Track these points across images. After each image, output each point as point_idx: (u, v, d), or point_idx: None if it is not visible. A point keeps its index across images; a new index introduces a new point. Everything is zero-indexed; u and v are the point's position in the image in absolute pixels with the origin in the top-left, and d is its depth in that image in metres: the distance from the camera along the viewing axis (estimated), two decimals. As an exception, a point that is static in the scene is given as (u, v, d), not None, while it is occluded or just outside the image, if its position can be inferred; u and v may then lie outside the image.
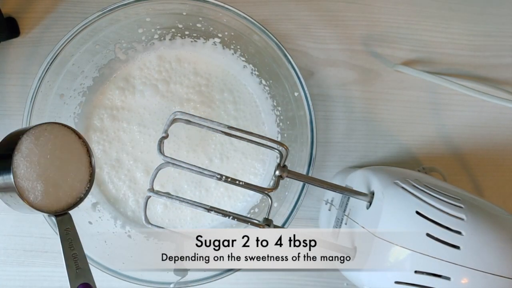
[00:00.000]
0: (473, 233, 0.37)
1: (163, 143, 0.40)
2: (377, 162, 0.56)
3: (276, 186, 0.40)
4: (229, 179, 0.39)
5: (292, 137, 0.51)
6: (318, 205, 0.55)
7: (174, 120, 0.41)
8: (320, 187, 0.43)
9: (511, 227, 0.39)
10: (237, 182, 0.39)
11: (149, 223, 0.40)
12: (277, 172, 0.40)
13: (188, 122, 0.41)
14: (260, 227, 0.40)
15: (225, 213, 0.39)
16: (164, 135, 0.40)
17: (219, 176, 0.39)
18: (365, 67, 0.56)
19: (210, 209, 0.39)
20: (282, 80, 0.49)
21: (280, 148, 0.41)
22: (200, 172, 0.39)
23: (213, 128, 0.41)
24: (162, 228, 0.41)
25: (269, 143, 0.41)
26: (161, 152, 0.39)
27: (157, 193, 0.39)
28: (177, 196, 0.40)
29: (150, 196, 0.40)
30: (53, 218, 0.38)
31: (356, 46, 0.55)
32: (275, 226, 0.40)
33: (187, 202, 0.39)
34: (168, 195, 0.40)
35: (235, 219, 0.39)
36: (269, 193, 0.41)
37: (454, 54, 0.56)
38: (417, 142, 0.56)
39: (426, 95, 0.56)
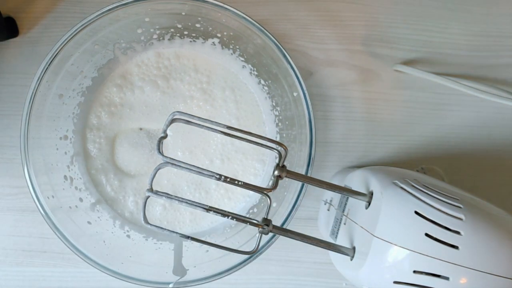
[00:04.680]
0: (472, 233, 0.37)
1: (162, 143, 0.40)
2: (376, 162, 0.56)
3: (275, 186, 0.40)
4: (228, 179, 0.39)
5: (291, 137, 0.51)
6: (317, 205, 0.55)
7: (173, 120, 0.40)
8: (319, 187, 0.43)
9: (510, 227, 0.39)
10: (236, 182, 0.39)
11: (148, 223, 0.40)
12: (276, 172, 0.40)
13: (187, 122, 0.41)
14: (259, 227, 0.40)
15: (224, 213, 0.39)
16: (163, 135, 0.40)
17: (218, 176, 0.38)
18: (364, 67, 0.56)
19: (209, 209, 0.39)
20: (281, 80, 0.49)
21: (279, 148, 0.41)
22: (199, 172, 0.39)
23: (212, 129, 0.40)
24: (161, 228, 0.40)
25: (268, 143, 0.41)
26: (160, 152, 0.39)
27: (156, 193, 0.39)
28: (176, 196, 0.39)
29: (149, 196, 0.39)
30: None
31: (355, 46, 0.55)
32: (274, 226, 0.40)
33: (186, 202, 0.39)
34: (167, 195, 0.39)
35: (234, 219, 0.39)
36: (268, 193, 0.41)
37: (453, 54, 0.56)
38: (416, 142, 0.56)
39: (425, 95, 0.56)
